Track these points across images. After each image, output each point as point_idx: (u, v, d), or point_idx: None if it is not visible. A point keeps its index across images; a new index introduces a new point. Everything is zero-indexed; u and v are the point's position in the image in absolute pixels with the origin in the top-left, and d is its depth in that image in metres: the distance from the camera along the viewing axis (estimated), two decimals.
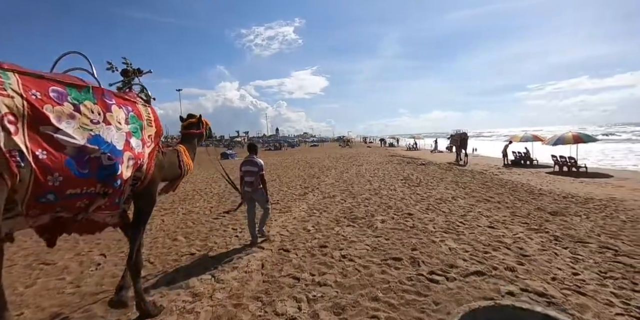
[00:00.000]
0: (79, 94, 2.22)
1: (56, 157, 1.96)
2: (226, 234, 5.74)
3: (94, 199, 2.33)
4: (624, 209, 7.22)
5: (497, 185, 10.55)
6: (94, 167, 2.18)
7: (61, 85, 2.13)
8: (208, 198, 9.57)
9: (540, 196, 8.64)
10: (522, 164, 19.03)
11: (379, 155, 27.40)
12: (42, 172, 1.88)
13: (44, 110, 1.93)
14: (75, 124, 2.11)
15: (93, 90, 2.35)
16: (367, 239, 5.10)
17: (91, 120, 2.22)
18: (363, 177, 12.78)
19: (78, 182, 2.11)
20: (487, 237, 5.06)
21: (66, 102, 2.09)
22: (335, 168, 16.86)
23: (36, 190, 1.90)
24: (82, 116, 2.16)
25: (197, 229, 6.15)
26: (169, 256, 4.73)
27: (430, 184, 10.44)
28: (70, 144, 2.04)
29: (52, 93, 2.04)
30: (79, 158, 2.09)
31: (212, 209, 7.99)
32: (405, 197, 8.35)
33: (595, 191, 9.72)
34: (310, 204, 7.93)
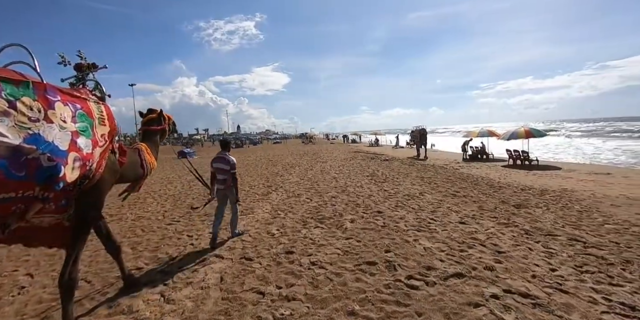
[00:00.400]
0: (15, 90, 2.04)
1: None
2: (180, 243, 5.10)
3: (31, 204, 2.18)
4: (577, 199, 7.55)
5: (459, 179, 10.71)
6: (31, 169, 2.01)
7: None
8: (162, 201, 8.74)
9: (501, 189, 8.83)
10: (479, 158, 19.78)
11: (343, 151, 27.34)
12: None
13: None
14: (10, 121, 1.94)
15: (34, 86, 2.15)
16: (337, 242, 4.72)
17: (29, 118, 2.04)
18: (328, 174, 12.45)
19: (12, 185, 1.98)
20: (461, 234, 4.88)
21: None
22: (299, 165, 16.42)
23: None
24: (18, 113, 1.99)
25: (146, 238, 5.43)
26: (111, 273, 4.01)
27: (397, 180, 10.33)
28: (3, 144, 1.88)
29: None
30: (13, 159, 1.94)
31: (165, 213, 7.23)
32: (373, 193, 8.11)
33: (549, 183, 10.17)
34: (274, 205, 7.44)
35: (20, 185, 2.02)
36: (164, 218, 6.82)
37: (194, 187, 11.00)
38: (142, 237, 5.48)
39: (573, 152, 24.55)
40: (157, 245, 5.06)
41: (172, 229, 5.93)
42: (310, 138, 56.12)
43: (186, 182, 12.11)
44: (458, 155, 22.05)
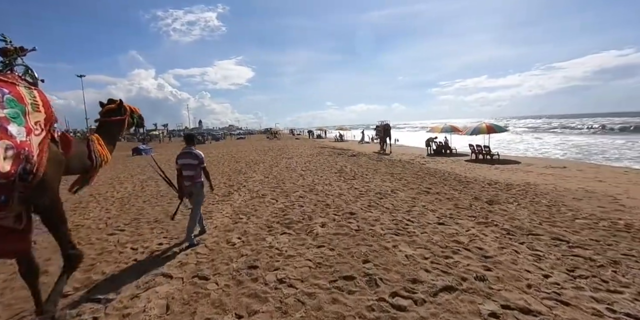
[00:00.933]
0: None
1: None
2: (121, 258, 4.26)
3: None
4: (541, 193, 7.66)
5: (428, 175, 10.56)
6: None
7: None
8: (107, 205, 7.67)
9: (469, 184, 8.75)
10: (443, 153, 20.07)
11: (309, 147, 26.78)
12: None
13: None
14: None
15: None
16: (307, 251, 4.13)
17: None
18: (294, 171, 11.83)
19: None
20: (442, 237, 4.49)
21: None
22: (264, 162, 15.64)
23: None
24: None
25: None
26: (29, 303, 3.08)
27: (366, 176, 9.93)
28: None
29: None
30: None
31: (109, 220, 6.25)
32: (343, 192, 7.61)
33: (512, 177, 10.33)
34: (236, 207, 6.71)
35: None
36: (106, 227, 5.87)
37: (146, 187, 9.95)
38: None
39: (523, 147, 25.79)
40: (92, 262, 4.18)
41: (114, 240, 5.05)
42: (275, 133, 54.93)
43: (138, 182, 10.97)
44: (422, 150, 22.30)
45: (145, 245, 4.71)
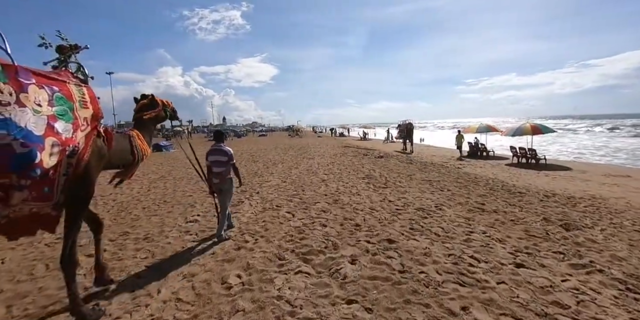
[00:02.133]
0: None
1: None
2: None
3: (9, 192, 2.12)
4: (616, 211, 6.22)
5: (471, 182, 9.02)
6: (5, 156, 1.94)
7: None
8: (103, 212, 6.66)
9: (523, 196, 7.30)
10: (478, 155, 18.24)
11: (332, 146, 25.40)
12: None
13: None
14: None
15: (4, 68, 2.02)
16: (332, 311, 2.79)
17: (0, 102, 1.93)
18: (316, 174, 10.50)
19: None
20: (532, 294, 3.02)
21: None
22: (283, 162, 14.42)
23: None
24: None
25: (37, 286, 3.41)
26: None
27: (400, 184, 8.47)
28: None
29: None
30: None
31: None
32: (375, 206, 6.21)
33: (569, 187, 8.82)
34: (243, 222, 5.48)
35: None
36: (88, 243, 4.79)
37: (153, 189, 8.94)
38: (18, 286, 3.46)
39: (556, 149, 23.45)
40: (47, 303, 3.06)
41: (86, 265, 3.92)
42: (297, 131, 53.74)
43: (147, 183, 10.00)
44: (452, 151, 20.55)
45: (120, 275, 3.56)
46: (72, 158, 2.45)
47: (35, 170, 2.08)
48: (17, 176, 2.08)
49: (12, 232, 2.48)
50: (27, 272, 3.84)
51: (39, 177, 2.17)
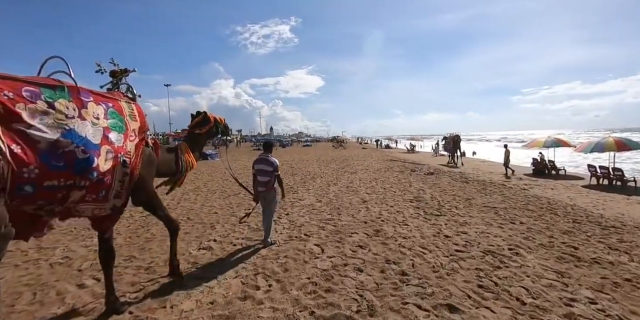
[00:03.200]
0: (53, 93, 2.34)
1: (30, 150, 2.10)
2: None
3: (72, 191, 2.40)
4: None
5: (546, 211, 7.29)
6: (69, 161, 2.28)
7: (34, 86, 2.27)
8: (120, 227, 6.08)
9: (621, 234, 5.65)
10: (545, 173, 15.81)
11: (376, 159, 23.96)
12: (18, 165, 2.02)
13: (15, 108, 2.08)
14: (49, 119, 2.23)
15: (69, 89, 2.47)
16: None
17: (66, 116, 2.34)
18: (356, 193, 9.30)
19: (54, 174, 2.22)
20: None
21: (39, 101, 2.23)
22: (322, 176, 13.39)
23: (14, 181, 2.04)
24: (56, 112, 2.29)
25: None
26: None
27: (457, 211, 6.98)
28: (44, 139, 2.16)
29: (25, 93, 2.18)
30: (53, 151, 2.21)
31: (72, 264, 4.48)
32: (427, 243, 4.88)
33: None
34: (260, 257, 4.46)
35: (61, 174, 2.26)
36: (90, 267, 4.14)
37: (182, 202, 8.37)
38: None
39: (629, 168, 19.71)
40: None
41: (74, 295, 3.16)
42: (341, 142, 52.65)
43: (179, 195, 9.51)
44: (513, 168, 18.20)
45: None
46: (126, 168, 2.82)
47: (92, 173, 2.44)
48: (79, 178, 2.38)
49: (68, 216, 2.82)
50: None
51: (96, 180, 2.50)
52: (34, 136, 2.14)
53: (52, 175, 2.23)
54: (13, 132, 2.06)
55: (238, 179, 5.22)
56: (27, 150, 2.09)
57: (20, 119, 2.11)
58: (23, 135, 2.10)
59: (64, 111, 2.35)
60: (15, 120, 2.08)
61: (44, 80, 2.42)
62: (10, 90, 2.13)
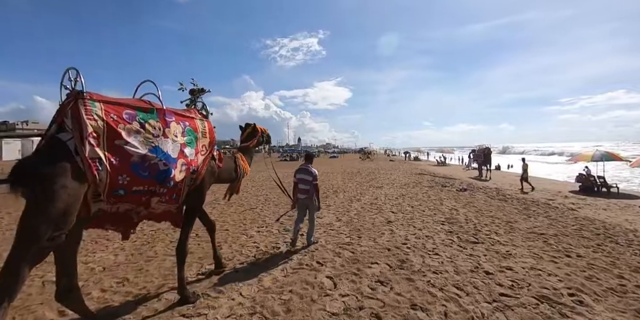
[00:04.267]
0: (145, 115, 2.92)
1: (125, 162, 2.67)
2: None
3: (153, 195, 2.98)
4: None
5: (605, 238, 6.22)
6: (153, 171, 2.85)
7: (132, 109, 2.85)
8: (124, 245, 5.70)
9: None
10: (595, 191, 14.17)
11: (404, 172, 22.85)
12: (114, 174, 2.59)
13: (117, 128, 2.65)
14: (140, 137, 2.79)
15: (157, 111, 3.05)
16: None
17: (153, 135, 2.89)
18: (381, 211, 8.48)
19: (141, 181, 2.79)
20: None
21: (134, 122, 2.79)
22: (345, 191, 12.64)
23: (111, 186, 2.60)
24: (145, 132, 2.84)
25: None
26: None
27: (498, 238, 5.98)
28: (136, 153, 2.72)
29: (125, 115, 2.75)
30: (141, 163, 2.77)
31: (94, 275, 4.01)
32: (464, 281, 4.00)
33: None
34: (263, 290, 3.80)
35: (146, 182, 2.83)
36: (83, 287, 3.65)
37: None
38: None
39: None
40: None
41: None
42: (368, 154, 51.45)
43: None
44: (556, 184, 16.61)
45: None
46: (193, 175, 3.37)
47: (170, 182, 3.03)
48: (159, 185, 2.95)
49: (156, 219, 3.60)
50: None
51: (171, 187, 3.10)
52: (128, 151, 2.70)
53: (139, 182, 2.81)
54: (114, 147, 2.64)
55: (282, 185, 5.78)
56: (122, 162, 2.67)
57: (121, 136, 2.68)
58: (121, 150, 2.67)
59: (151, 131, 2.91)
60: (117, 137, 2.66)
61: (139, 104, 3.00)
62: (115, 113, 2.71)
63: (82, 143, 2.44)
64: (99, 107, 2.62)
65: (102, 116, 2.59)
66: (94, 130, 2.51)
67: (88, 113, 2.52)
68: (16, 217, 8.24)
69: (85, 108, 2.53)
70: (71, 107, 2.53)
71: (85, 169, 2.42)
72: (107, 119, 2.61)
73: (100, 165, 2.49)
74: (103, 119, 2.59)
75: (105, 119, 2.60)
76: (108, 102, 2.71)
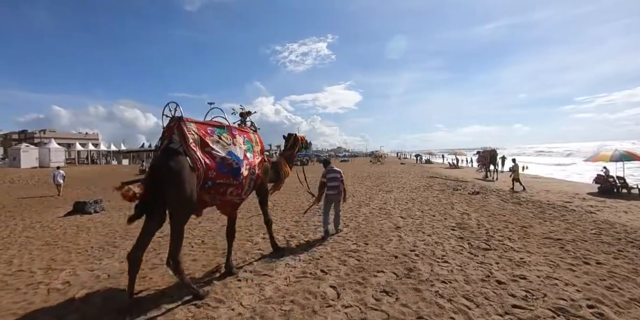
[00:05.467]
0: (220, 130, 4.26)
1: (213, 162, 3.85)
2: None
3: (229, 187, 4.11)
4: None
5: (626, 243, 5.92)
6: (229, 169, 4.04)
7: (212, 126, 4.20)
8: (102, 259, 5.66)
9: None
10: (615, 192, 13.61)
11: (415, 175, 22.49)
12: (206, 170, 3.74)
13: (206, 139, 3.92)
14: (220, 145, 4.06)
15: (226, 128, 4.41)
16: None
17: (226, 143, 4.18)
18: (389, 217, 8.28)
19: (222, 176, 3.96)
20: None
21: (214, 135, 4.10)
22: (354, 195, 12.47)
23: (204, 179, 3.74)
24: (222, 141, 4.13)
25: None
26: None
27: (511, 244, 5.72)
28: (219, 156, 3.94)
29: (209, 130, 4.08)
30: (222, 163, 3.96)
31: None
32: (474, 291, 3.78)
33: None
34: (264, 300, 3.67)
35: (225, 176, 3.99)
36: None
37: (205, 222, 7.85)
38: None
39: None
40: None
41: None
42: (379, 157, 50.86)
43: (205, 212, 9.06)
44: (573, 185, 16.08)
45: None
46: (253, 174, 4.55)
47: (240, 177, 4.19)
48: (233, 179, 4.10)
49: (221, 207, 4.63)
50: None
51: (240, 181, 4.23)
52: (214, 154, 3.89)
53: (221, 177, 3.93)
54: (205, 152, 3.83)
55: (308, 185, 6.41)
56: (211, 162, 3.82)
57: (208, 145, 3.89)
58: (210, 154, 3.85)
59: (225, 141, 4.17)
60: (206, 146, 3.87)
61: (214, 123, 4.40)
62: (202, 130, 3.97)
63: (188, 149, 3.68)
64: (193, 126, 3.88)
65: (196, 131, 3.87)
66: (193, 140, 3.76)
67: (188, 130, 3.77)
68: (29, 224, 8.40)
69: (186, 127, 3.78)
70: (177, 126, 3.79)
71: (194, 165, 3.61)
72: (199, 133, 3.88)
73: (201, 163, 3.68)
74: (197, 133, 3.86)
75: (198, 133, 3.87)
76: (197, 122, 4.02)
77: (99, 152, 45.13)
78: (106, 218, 8.98)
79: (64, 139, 47.88)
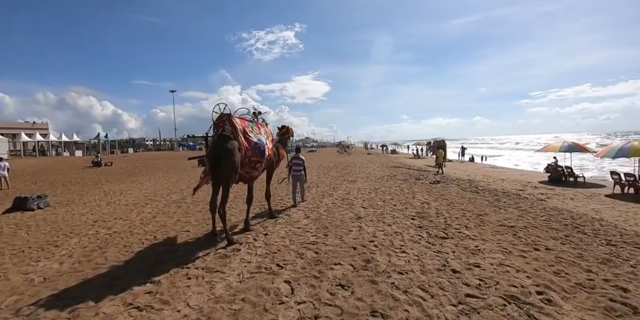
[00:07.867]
0: (251, 123, 6.12)
1: (249, 145, 5.59)
2: None
3: (256, 164, 5.89)
4: None
5: (572, 229, 6.20)
6: (259, 151, 5.82)
7: (247, 120, 6.07)
8: (70, 250, 5.16)
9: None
10: (563, 181, 14.52)
11: (380, 165, 22.78)
12: (245, 151, 5.46)
13: (245, 129, 5.74)
14: (253, 133, 5.86)
15: (254, 122, 6.38)
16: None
17: (256, 133, 6.00)
18: (352, 207, 8.22)
19: (254, 155, 5.74)
20: None
21: (249, 127, 5.90)
22: (319, 186, 12.33)
23: (244, 156, 5.43)
24: (253, 131, 5.94)
25: None
26: None
27: (467, 232, 5.82)
28: (253, 141, 5.72)
29: (246, 123, 5.92)
30: (255, 146, 5.73)
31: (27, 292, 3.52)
32: (429, 281, 3.75)
33: None
34: (213, 299, 3.41)
35: (256, 156, 5.78)
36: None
37: (159, 215, 7.37)
38: None
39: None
40: None
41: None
42: (346, 148, 51.12)
43: (162, 206, 8.60)
44: (527, 175, 16.99)
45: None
46: (269, 156, 6.38)
47: (264, 157, 6.07)
48: (259, 158, 5.91)
49: (246, 179, 6.12)
50: None
51: (265, 160, 6.12)
52: (250, 140, 5.68)
53: (254, 156, 5.74)
54: (245, 138, 5.59)
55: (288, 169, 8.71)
56: (248, 145, 5.57)
57: (247, 133, 5.68)
58: (248, 140, 5.62)
59: (255, 131, 6.05)
60: (245, 133, 5.65)
61: (248, 118, 6.26)
62: (242, 122, 5.76)
63: (237, 135, 5.40)
64: (238, 120, 5.63)
65: (239, 123, 5.61)
66: (238, 129, 5.46)
67: (235, 122, 5.51)
68: (48, 228, 7.49)
69: (234, 120, 5.54)
70: (228, 120, 5.52)
71: (242, 146, 5.36)
72: (242, 124, 5.69)
73: (243, 146, 5.38)
74: (240, 124, 5.61)
75: (241, 124, 5.65)
76: (239, 117, 5.84)
77: (48, 142, 41.83)
78: (50, 215, 8.20)
79: (7, 129, 43.81)
